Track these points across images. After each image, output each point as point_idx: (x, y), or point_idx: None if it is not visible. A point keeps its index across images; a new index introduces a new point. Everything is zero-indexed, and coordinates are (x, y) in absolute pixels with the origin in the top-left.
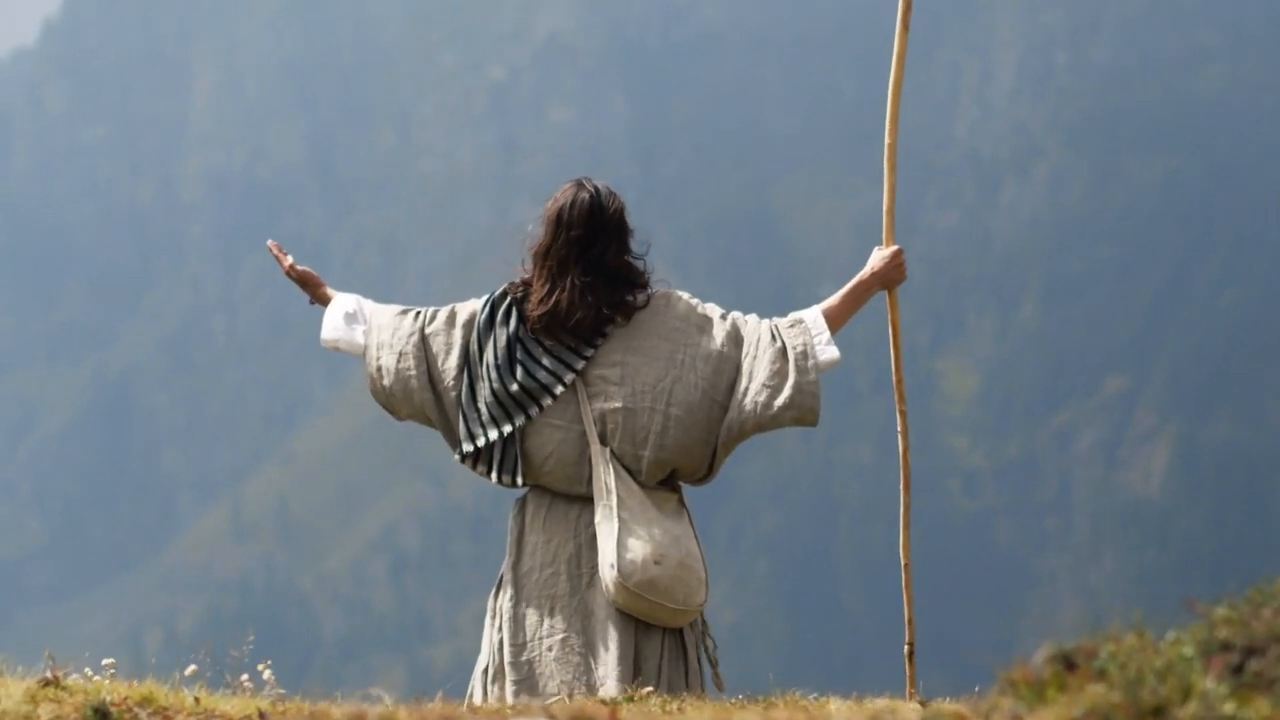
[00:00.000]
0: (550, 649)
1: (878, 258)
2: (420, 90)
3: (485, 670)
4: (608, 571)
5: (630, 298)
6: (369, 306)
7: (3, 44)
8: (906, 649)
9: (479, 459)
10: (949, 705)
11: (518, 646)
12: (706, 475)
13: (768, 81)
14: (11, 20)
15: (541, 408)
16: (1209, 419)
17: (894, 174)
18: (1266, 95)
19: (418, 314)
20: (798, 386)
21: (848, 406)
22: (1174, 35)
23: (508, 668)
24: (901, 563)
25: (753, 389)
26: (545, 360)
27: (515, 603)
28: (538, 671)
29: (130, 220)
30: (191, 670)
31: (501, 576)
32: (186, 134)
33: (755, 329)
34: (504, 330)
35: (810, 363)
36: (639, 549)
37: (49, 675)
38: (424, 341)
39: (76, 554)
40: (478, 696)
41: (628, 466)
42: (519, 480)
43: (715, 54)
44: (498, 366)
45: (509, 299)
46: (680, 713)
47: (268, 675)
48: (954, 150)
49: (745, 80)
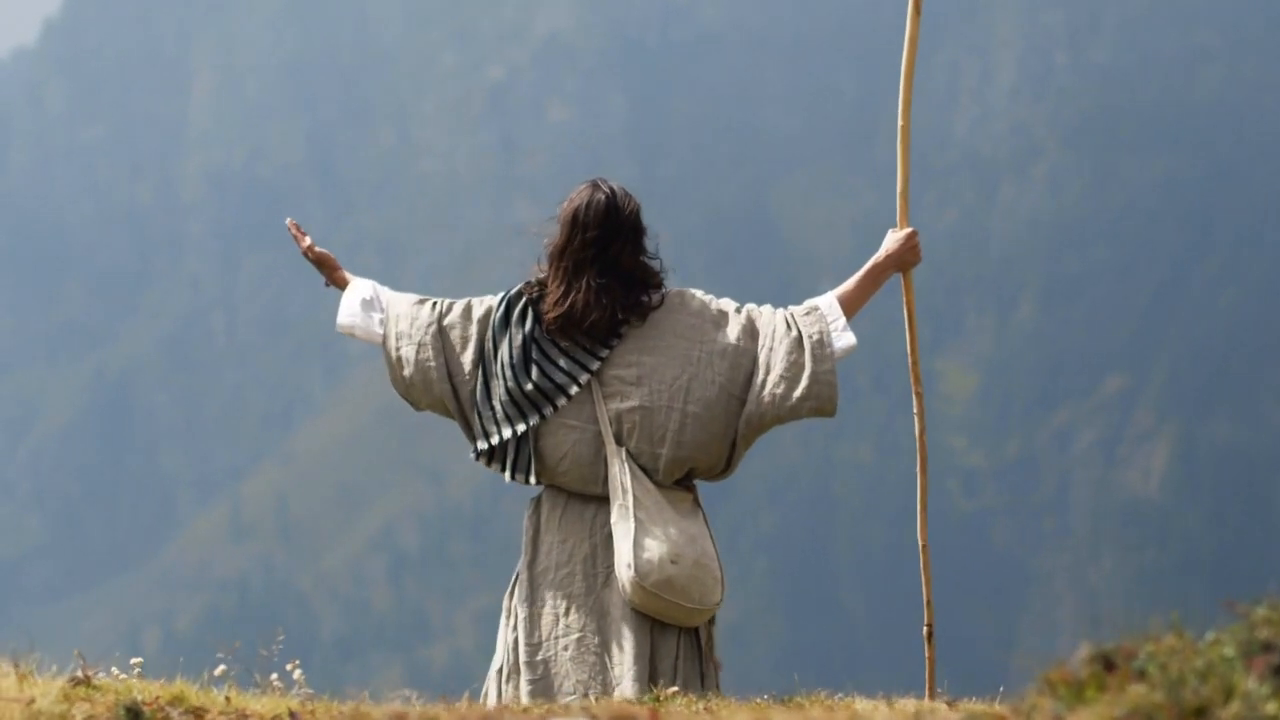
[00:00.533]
0: (566, 648)
1: (892, 240)
2: (420, 90)
3: (500, 670)
4: (624, 571)
5: (645, 298)
6: (386, 294)
7: (3, 44)
8: (925, 630)
9: (493, 457)
10: (989, 706)
11: (533, 646)
12: (725, 470)
13: (768, 81)
14: (11, 20)
15: (556, 408)
16: (1208, 419)
17: (907, 156)
18: (1266, 95)
19: (435, 304)
20: (814, 377)
21: (847, 405)
22: (1174, 35)
23: (523, 667)
24: (919, 544)
25: (770, 381)
26: (561, 361)
27: (531, 602)
28: (553, 671)
29: (130, 220)
30: (220, 670)
31: (517, 576)
32: (186, 134)
33: (770, 319)
34: (519, 330)
35: (827, 350)
36: (655, 549)
37: (80, 674)
38: (442, 333)
39: (75, 553)
40: (492, 697)
41: (644, 466)
42: (533, 479)
43: (715, 54)
44: (512, 366)
45: (525, 299)
46: (713, 712)
47: (297, 675)
48: (953, 150)
49: (745, 80)
